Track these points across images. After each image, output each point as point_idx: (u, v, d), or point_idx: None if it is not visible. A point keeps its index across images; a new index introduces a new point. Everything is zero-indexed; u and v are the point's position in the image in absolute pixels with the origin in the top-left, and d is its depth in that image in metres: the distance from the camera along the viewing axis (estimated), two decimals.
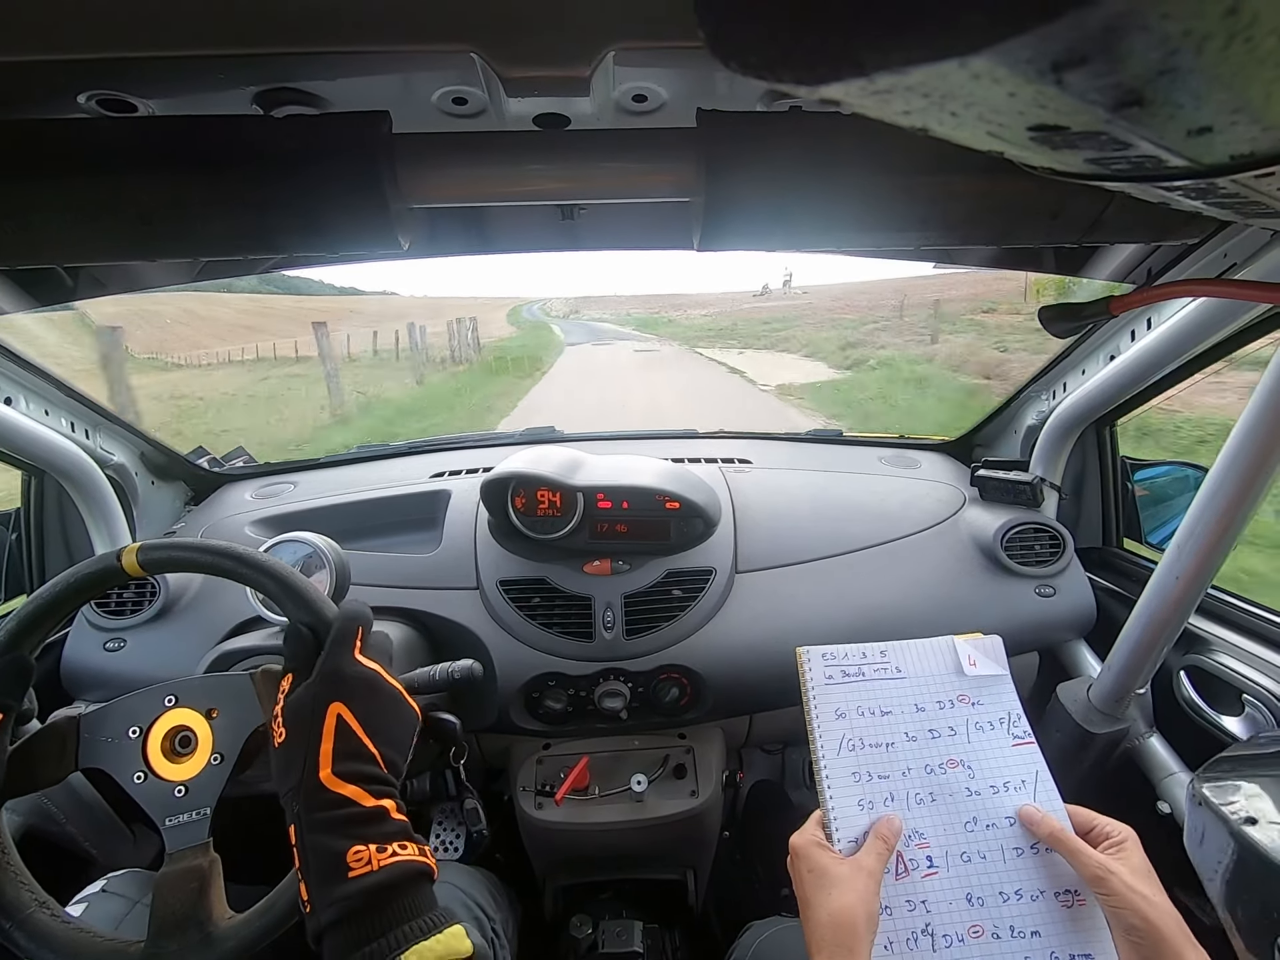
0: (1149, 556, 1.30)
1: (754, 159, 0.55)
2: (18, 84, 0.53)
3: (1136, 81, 0.15)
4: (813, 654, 0.75)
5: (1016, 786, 0.67)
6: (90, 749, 0.65)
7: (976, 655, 0.75)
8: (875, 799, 0.66)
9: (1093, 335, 1.14)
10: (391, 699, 0.61)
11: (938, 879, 0.62)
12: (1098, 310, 0.68)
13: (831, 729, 0.70)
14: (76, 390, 1.13)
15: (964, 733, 0.70)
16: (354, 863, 0.50)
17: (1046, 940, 0.59)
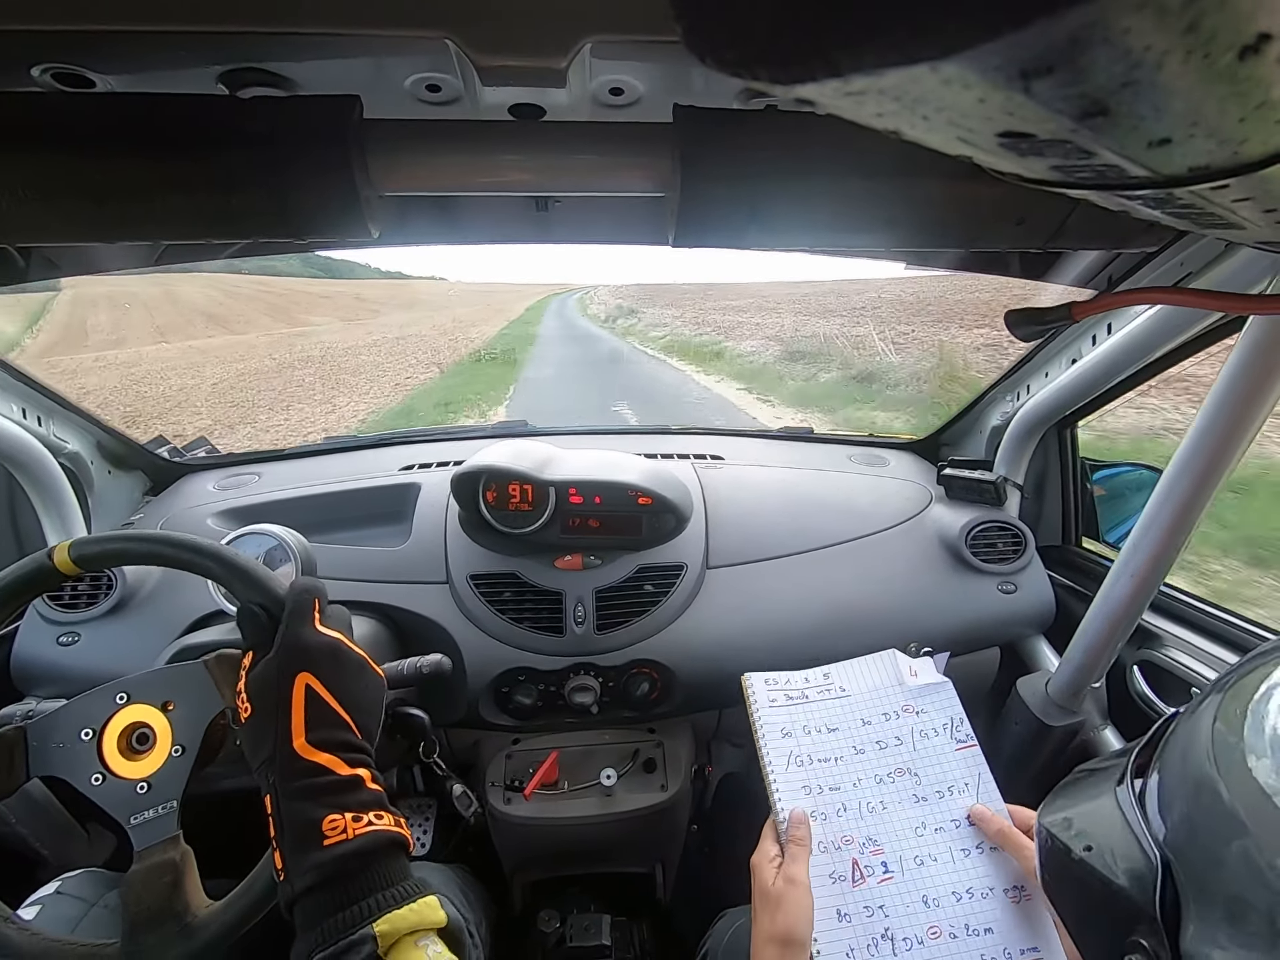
0: (1106, 555, 1.34)
1: (729, 156, 0.56)
2: None
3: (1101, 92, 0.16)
4: (755, 680, 0.78)
5: (960, 790, 0.70)
6: (41, 756, 0.62)
7: (918, 667, 0.79)
8: (828, 810, 0.68)
9: (1055, 339, 1.17)
10: (357, 665, 0.60)
11: (893, 884, 0.64)
12: (1060, 315, 0.70)
13: (778, 746, 0.72)
14: (28, 375, 1.09)
15: (909, 741, 0.73)
16: (329, 831, 0.50)
17: (999, 936, 0.61)
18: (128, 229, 0.55)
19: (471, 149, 0.60)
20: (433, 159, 0.59)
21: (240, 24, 0.48)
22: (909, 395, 8.49)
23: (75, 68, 0.53)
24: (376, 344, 17.09)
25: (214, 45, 0.52)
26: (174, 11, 0.46)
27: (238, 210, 0.54)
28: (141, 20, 0.47)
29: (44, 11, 0.45)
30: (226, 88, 0.57)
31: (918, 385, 8.78)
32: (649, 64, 0.57)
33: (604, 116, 0.65)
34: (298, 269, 38.89)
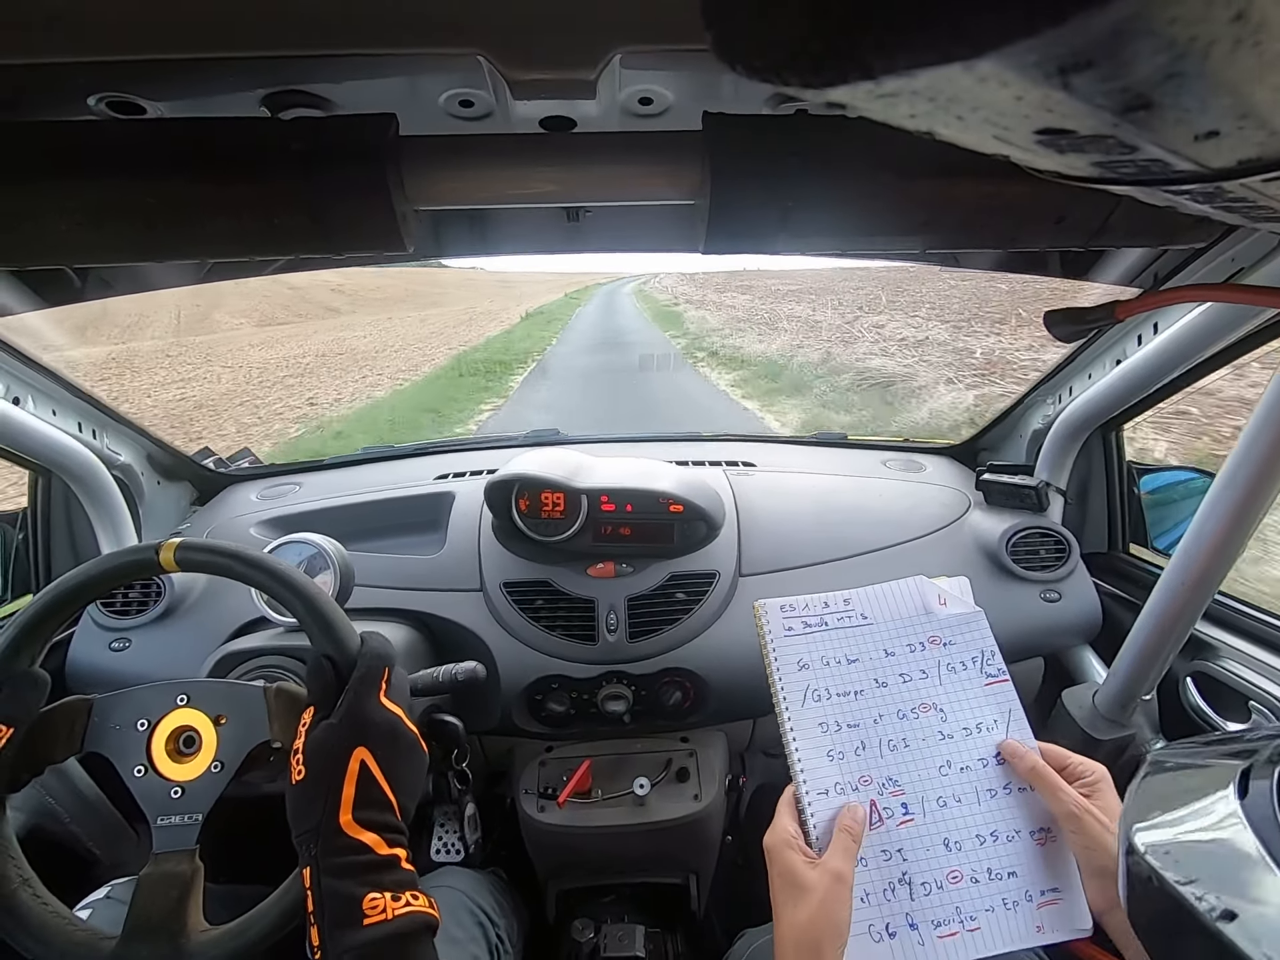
0: (1155, 562, 1.29)
1: (759, 162, 0.55)
2: (31, 86, 0.53)
3: (1143, 86, 0.15)
4: (769, 606, 0.72)
5: (989, 726, 0.65)
6: (98, 733, 0.65)
7: (947, 595, 0.73)
8: (845, 749, 0.64)
9: (1098, 339, 1.14)
10: (410, 746, 0.61)
11: (913, 826, 0.61)
12: (1104, 315, 0.68)
13: (794, 680, 0.67)
14: (84, 390, 1.14)
15: (935, 675, 0.68)
16: (370, 910, 0.50)
17: (1022, 880, 0.59)
18: (177, 249, 0.57)
19: (504, 162, 0.61)
20: (466, 173, 0.60)
21: (283, 48, 0.49)
22: None
23: (128, 96, 0.56)
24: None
25: (257, 69, 0.54)
26: (221, 38, 0.48)
27: (280, 228, 0.55)
28: (191, 48, 0.49)
29: (102, 43, 0.48)
30: (269, 110, 0.59)
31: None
32: (678, 73, 0.58)
33: (634, 126, 0.66)
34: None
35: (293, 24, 0.48)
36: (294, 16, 0.47)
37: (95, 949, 0.59)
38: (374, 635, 0.64)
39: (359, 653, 0.62)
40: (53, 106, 0.56)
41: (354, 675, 0.60)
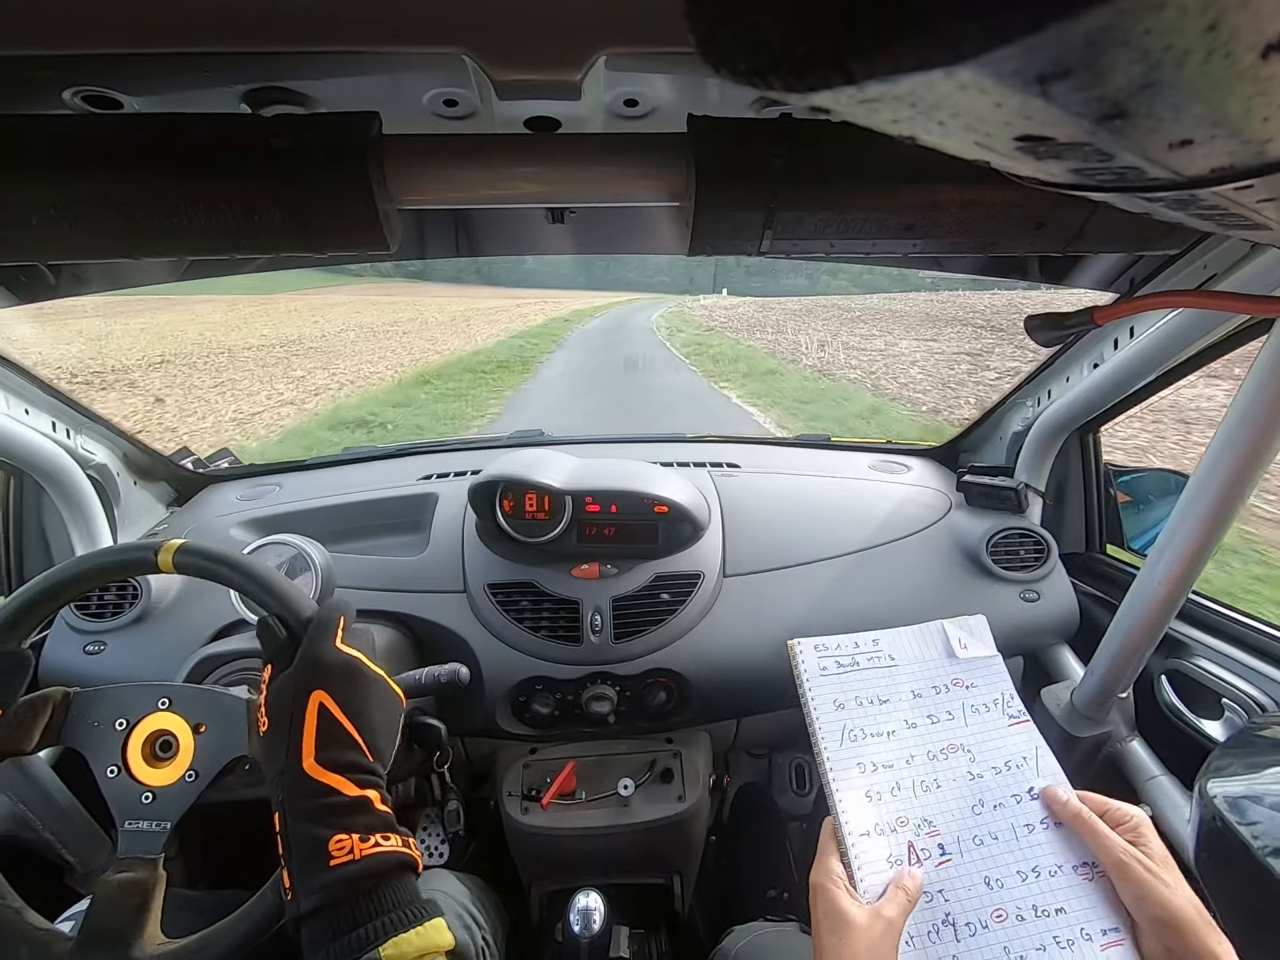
0: (1132, 562, 1.32)
1: (743, 165, 0.56)
2: (6, 79, 0.52)
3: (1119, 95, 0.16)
4: (805, 646, 0.73)
5: (1018, 765, 0.66)
6: (75, 728, 0.64)
7: (966, 638, 0.75)
8: (882, 789, 0.64)
9: (1076, 344, 1.16)
10: (375, 685, 0.60)
11: (952, 865, 0.61)
12: (1081, 320, 0.69)
13: (831, 721, 0.68)
14: (58, 390, 1.12)
15: (961, 716, 0.69)
16: (336, 851, 0.50)
17: (1072, 916, 0.57)
18: (154, 246, 0.56)
19: (488, 162, 0.60)
20: (450, 172, 0.60)
21: (263, 44, 0.49)
22: None
23: (104, 90, 0.55)
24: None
25: (237, 65, 0.53)
26: (199, 34, 0.48)
27: (260, 226, 0.55)
28: (168, 43, 0.48)
29: (75, 36, 0.47)
30: (249, 107, 0.58)
31: None
32: (663, 75, 0.58)
33: (619, 128, 0.66)
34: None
35: (275, 20, 0.47)
36: (276, 12, 0.47)
37: (49, 950, 0.57)
38: (332, 597, 0.64)
39: (314, 610, 0.62)
40: (26, 99, 0.55)
41: (310, 626, 0.60)
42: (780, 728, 1.31)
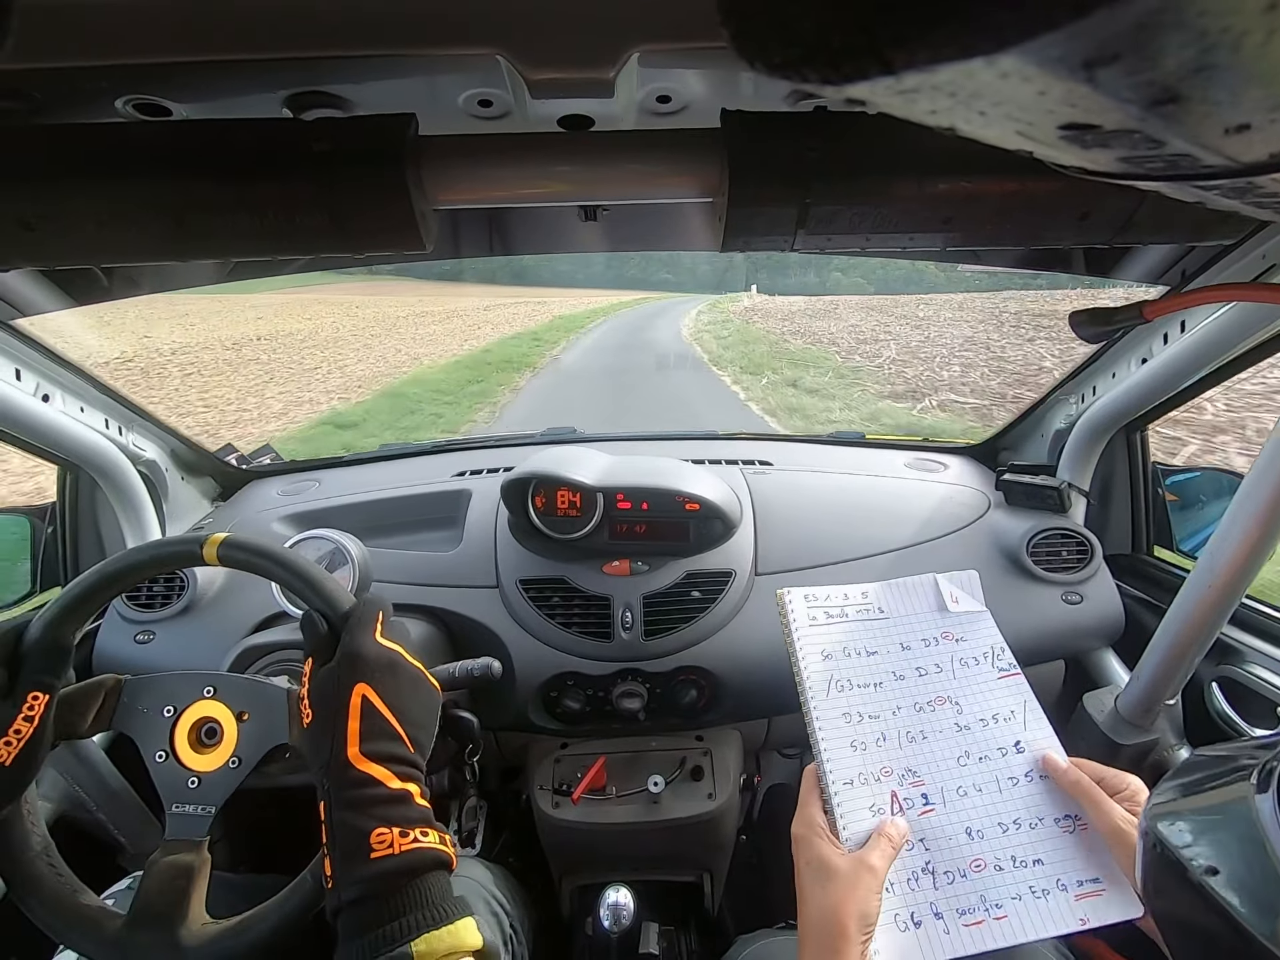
0: (1180, 564, 1.27)
1: (777, 159, 0.55)
2: (62, 89, 0.54)
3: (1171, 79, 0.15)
4: (794, 595, 0.73)
5: (1005, 718, 0.67)
6: (126, 714, 0.66)
7: (957, 592, 0.75)
8: (867, 739, 0.65)
9: (1124, 338, 1.12)
10: (413, 679, 0.62)
11: (934, 816, 0.62)
12: (1131, 315, 0.67)
13: (818, 670, 0.69)
14: (111, 388, 1.16)
15: (950, 669, 0.70)
16: (376, 844, 0.51)
17: (1050, 867, 0.59)
18: (201, 248, 0.58)
19: (522, 161, 0.61)
20: (485, 172, 0.60)
21: (304, 49, 0.50)
22: None
23: (154, 98, 0.57)
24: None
25: (280, 70, 0.54)
26: (244, 41, 0.49)
27: (302, 227, 0.56)
28: (215, 50, 0.50)
29: (129, 47, 0.48)
30: (291, 111, 0.60)
31: None
32: (696, 70, 0.57)
33: (652, 124, 0.66)
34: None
35: (314, 25, 0.49)
36: (316, 18, 0.48)
37: (100, 927, 0.60)
38: (368, 591, 0.65)
39: (353, 604, 0.63)
40: (81, 109, 0.57)
41: (349, 620, 0.61)
42: None
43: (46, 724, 0.62)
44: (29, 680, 0.61)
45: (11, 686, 0.61)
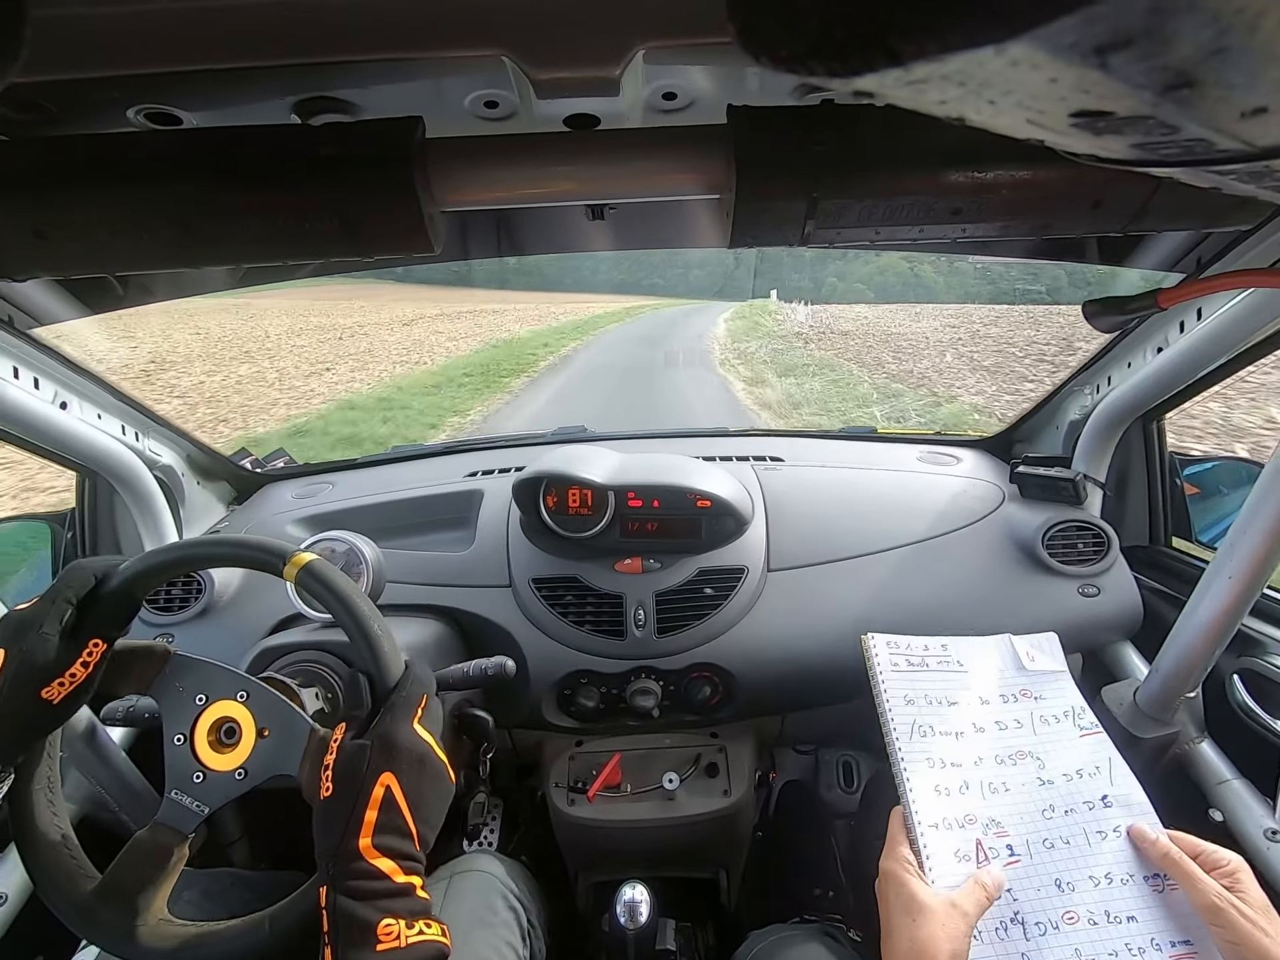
0: (1200, 555, 1.25)
1: (785, 153, 0.55)
2: (75, 100, 0.55)
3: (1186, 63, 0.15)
4: (878, 641, 0.75)
5: (1090, 773, 0.67)
6: (163, 686, 0.68)
7: (1034, 651, 0.76)
8: (950, 786, 0.65)
9: (1139, 327, 1.11)
10: (437, 776, 0.61)
11: (1021, 867, 0.61)
12: (1145, 304, 0.66)
13: (903, 714, 0.69)
14: (126, 395, 1.18)
15: (1029, 725, 0.70)
16: (384, 935, 0.51)
17: (1144, 925, 0.58)
18: (213, 255, 0.59)
19: (529, 162, 0.61)
20: (492, 173, 0.61)
21: (311, 55, 0.50)
22: None
23: (165, 107, 0.57)
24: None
25: (287, 77, 0.55)
26: (253, 49, 0.49)
27: (312, 232, 0.56)
28: (224, 59, 0.50)
29: (140, 57, 0.49)
30: (299, 117, 0.60)
31: None
32: (701, 67, 0.57)
33: (658, 121, 0.66)
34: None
35: (321, 32, 0.49)
36: (322, 24, 0.48)
37: (74, 883, 0.62)
38: (417, 664, 0.65)
39: (399, 678, 0.63)
40: (93, 119, 0.58)
41: (391, 698, 0.61)
42: (827, 724, 1.29)
43: (98, 673, 0.64)
44: (95, 627, 0.63)
45: (78, 628, 0.62)
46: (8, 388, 0.91)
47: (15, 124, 0.57)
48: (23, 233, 0.54)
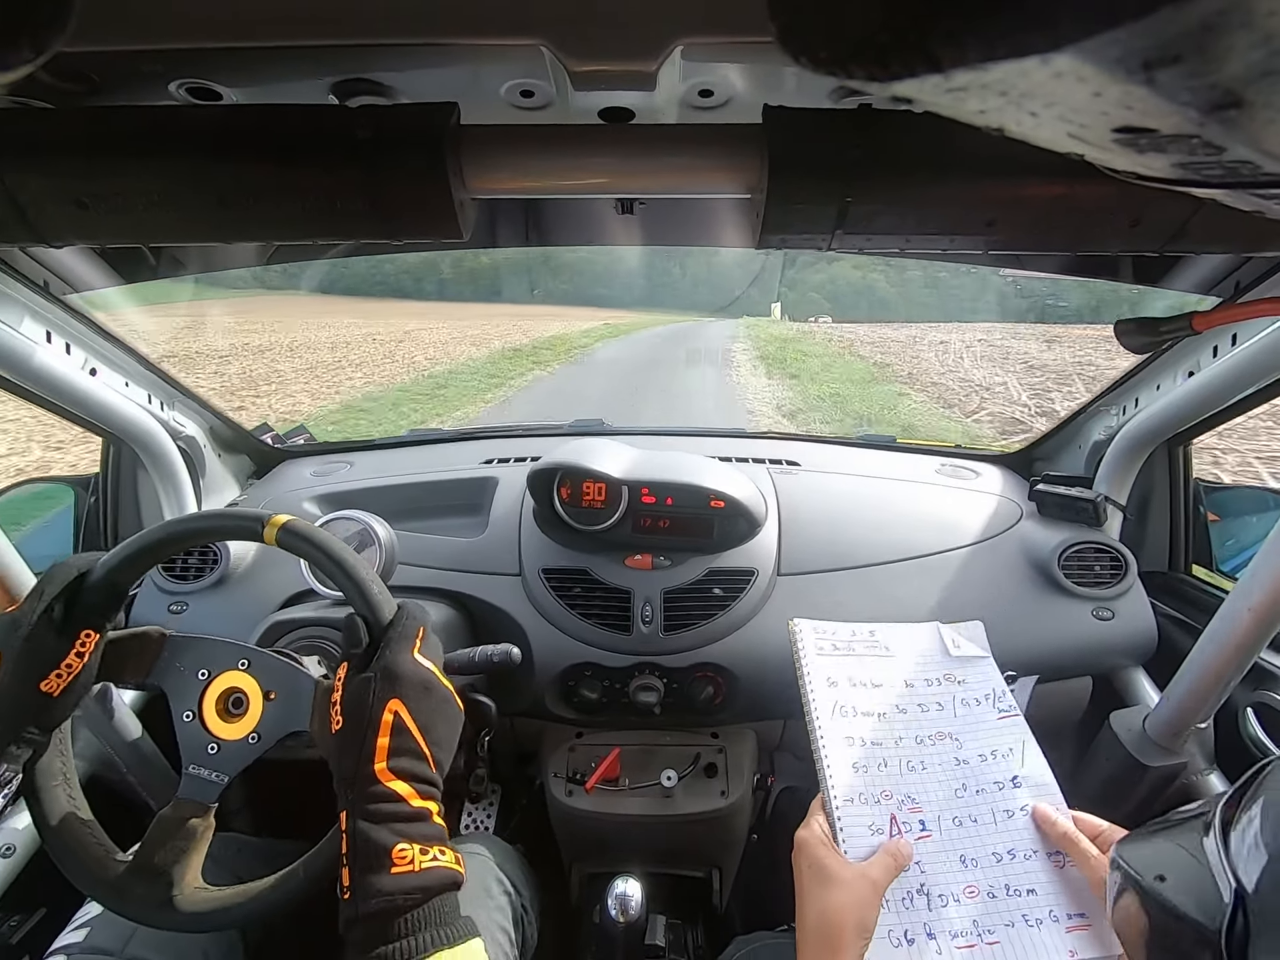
0: (1220, 585, 1.23)
1: (819, 156, 0.54)
2: (119, 72, 0.56)
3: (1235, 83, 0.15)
4: (804, 626, 0.79)
5: (1004, 755, 0.70)
6: (164, 668, 0.69)
7: (960, 639, 0.80)
8: (869, 763, 0.68)
9: (1170, 350, 1.09)
10: (444, 700, 0.62)
11: (931, 841, 0.64)
12: (1179, 326, 0.64)
13: (824, 695, 0.73)
14: (154, 364, 1.19)
15: (951, 707, 0.73)
16: (398, 859, 0.52)
17: (1043, 898, 0.61)
18: (246, 231, 0.59)
19: (562, 152, 0.61)
20: (524, 162, 0.61)
21: (352, 37, 0.51)
22: None
23: (207, 82, 0.58)
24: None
25: (328, 58, 0.55)
26: (296, 28, 0.50)
27: (342, 212, 0.57)
28: (268, 37, 0.50)
29: (184, 32, 0.50)
30: (336, 97, 0.61)
31: None
32: (739, 65, 0.57)
33: (692, 118, 0.66)
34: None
35: (362, 14, 0.49)
36: (363, 7, 0.49)
37: (103, 865, 0.63)
38: (410, 601, 0.66)
39: (394, 615, 0.64)
40: (136, 92, 0.59)
41: (389, 633, 0.62)
42: None
43: (94, 663, 0.65)
44: (84, 618, 0.64)
45: (66, 622, 0.64)
46: (40, 352, 0.93)
47: (60, 93, 0.58)
48: (64, 201, 0.54)
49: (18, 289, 0.87)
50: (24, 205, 0.54)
